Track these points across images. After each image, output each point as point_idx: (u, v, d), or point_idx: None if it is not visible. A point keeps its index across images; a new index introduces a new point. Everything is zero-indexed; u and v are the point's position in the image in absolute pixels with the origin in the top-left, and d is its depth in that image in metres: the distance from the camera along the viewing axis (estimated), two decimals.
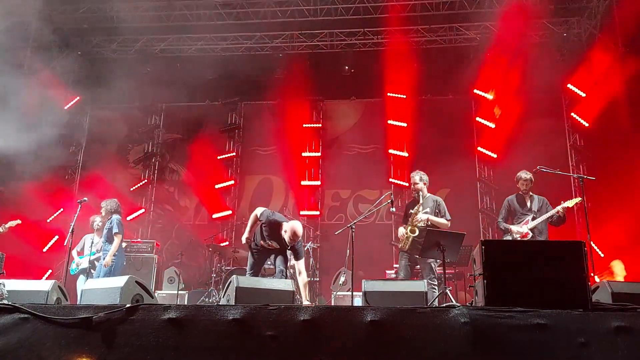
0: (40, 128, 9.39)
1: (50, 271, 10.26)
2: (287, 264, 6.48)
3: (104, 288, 4.61)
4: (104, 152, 11.70)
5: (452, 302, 5.53)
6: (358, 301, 6.85)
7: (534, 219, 6.73)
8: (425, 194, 6.64)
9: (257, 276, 6.22)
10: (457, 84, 10.66)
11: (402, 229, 6.68)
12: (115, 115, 11.69)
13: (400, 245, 6.68)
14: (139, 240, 10.08)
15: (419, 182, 6.65)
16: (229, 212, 11.29)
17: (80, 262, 7.83)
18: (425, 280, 5.49)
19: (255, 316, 3.49)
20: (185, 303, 8.74)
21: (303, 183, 11.20)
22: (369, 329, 3.39)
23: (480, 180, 10.82)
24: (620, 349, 3.26)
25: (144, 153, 11.96)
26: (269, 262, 6.55)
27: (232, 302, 4.32)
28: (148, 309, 3.58)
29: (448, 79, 10.67)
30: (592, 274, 5.87)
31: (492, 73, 10.24)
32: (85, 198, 7.22)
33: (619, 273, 7.40)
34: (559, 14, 10.07)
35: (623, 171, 8.53)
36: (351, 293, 6.72)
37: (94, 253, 7.77)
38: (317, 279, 9.67)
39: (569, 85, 10.00)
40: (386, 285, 5.12)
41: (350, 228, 6.16)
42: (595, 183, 7.12)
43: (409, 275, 6.62)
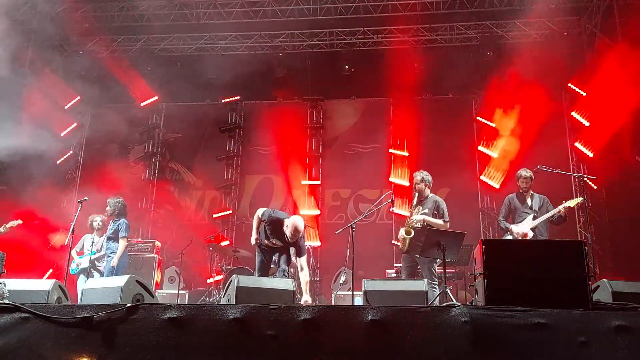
0: (40, 128, 9.39)
1: (51, 270, 10.24)
2: (290, 264, 6.50)
3: (105, 287, 4.62)
4: (105, 152, 11.68)
5: (453, 301, 5.53)
6: (358, 300, 6.85)
7: (534, 217, 6.71)
8: (426, 194, 6.62)
9: (266, 276, 6.26)
10: (457, 83, 10.66)
11: (402, 230, 6.68)
12: (116, 115, 11.67)
13: (401, 247, 6.67)
14: (140, 239, 10.07)
15: (420, 182, 6.60)
16: (229, 212, 11.30)
17: (80, 262, 7.82)
18: (426, 280, 5.48)
19: (255, 315, 3.49)
20: (186, 302, 8.75)
21: (303, 182, 11.20)
22: (370, 329, 3.39)
23: (480, 179, 10.80)
24: (621, 348, 3.26)
25: (145, 152, 11.96)
26: (274, 260, 6.59)
27: (233, 301, 4.32)
28: (148, 309, 3.58)
29: (448, 78, 10.66)
30: None
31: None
32: (86, 198, 7.22)
33: None
34: (559, 14, 10.04)
35: None
36: (352, 292, 6.72)
37: (94, 252, 7.76)
38: (318, 278, 9.68)
39: (570, 84, 9.99)
40: (386, 284, 5.13)
41: (351, 227, 6.18)
42: None
43: (411, 276, 6.60)
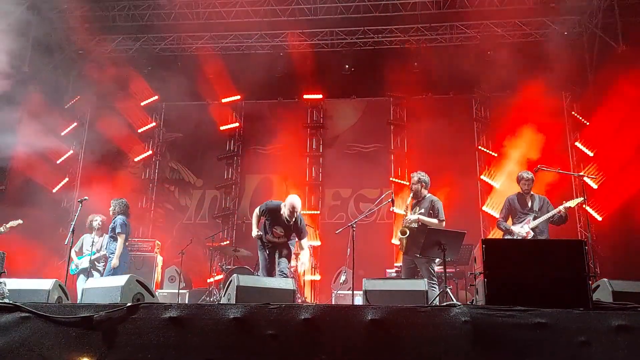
0: (40, 127, 9.39)
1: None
2: (289, 265, 6.55)
3: (105, 287, 4.62)
4: (105, 151, 11.68)
5: (453, 301, 5.53)
6: (359, 300, 6.86)
7: (535, 218, 6.70)
8: (423, 194, 6.62)
9: (272, 277, 6.32)
10: (457, 82, 10.64)
11: (398, 230, 6.71)
12: (116, 114, 11.66)
13: (399, 247, 6.68)
14: (140, 239, 10.08)
15: (416, 182, 6.60)
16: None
17: (79, 263, 7.81)
18: (426, 280, 5.49)
19: (255, 315, 3.49)
20: (186, 302, 8.75)
21: (304, 182, 11.20)
22: (370, 328, 3.39)
23: (480, 179, 10.79)
24: (621, 348, 3.26)
25: (145, 152, 11.93)
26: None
27: (233, 301, 4.33)
28: (149, 308, 3.58)
29: (449, 77, 10.65)
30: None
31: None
32: (86, 197, 7.22)
33: None
34: (560, 13, 10.03)
35: None
36: (352, 292, 6.73)
37: (94, 253, 7.75)
38: (318, 278, 9.68)
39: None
40: (387, 284, 5.14)
41: (351, 227, 6.18)
42: None
43: (411, 277, 6.59)
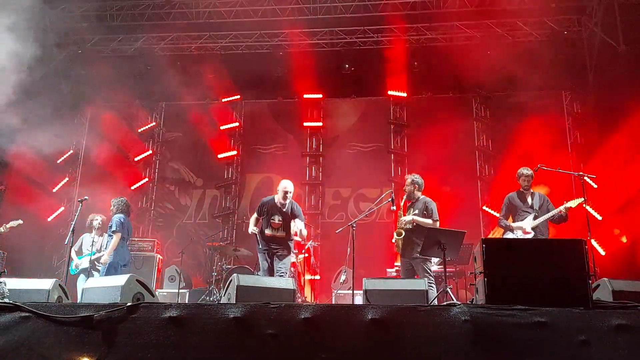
0: (40, 127, 9.38)
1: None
2: (288, 266, 6.59)
3: (105, 287, 4.62)
4: (105, 151, 11.68)
5: (453, 300, 5.54)
6: (359, 299, 6.85)
7: (535, 217, 6.68)
8: (416, 196, 6.63)
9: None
10: (457, 82, 10.63)
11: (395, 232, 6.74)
12: (117, 114, 11.66)
13: (397, 249, 6.69)
14: (140, 238, 10.07)
15: (409, 184, 6.64)
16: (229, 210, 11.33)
17: (79, 263, 7.79)
18: (426, 279, 5.49)
19: (255, 315, 3.49)
20: (186, 302, 8.75)
21: (304, 181, 11.20)
22: (370, 328, 3.39)
23: (480, 178, 10.80)
24: (621, 347, 3.26)
25: (145, 152, 11.93)
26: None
27: (233, 300, 4.33)
28: (149, 308, 3.58)
29: (449, 77, 10.64)
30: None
31: None
32: (86, 197, 7.21)
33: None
34: (560, 13, 10.02)
35: None
36: (352, 291, 6.72)
37: (94, 252, 7.73)
38: (318, 277, 9.67)
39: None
40: (387, 283, 5.13)
41: (351, 226, 6.19)
42: None
43: (410, 277, 6.60)
